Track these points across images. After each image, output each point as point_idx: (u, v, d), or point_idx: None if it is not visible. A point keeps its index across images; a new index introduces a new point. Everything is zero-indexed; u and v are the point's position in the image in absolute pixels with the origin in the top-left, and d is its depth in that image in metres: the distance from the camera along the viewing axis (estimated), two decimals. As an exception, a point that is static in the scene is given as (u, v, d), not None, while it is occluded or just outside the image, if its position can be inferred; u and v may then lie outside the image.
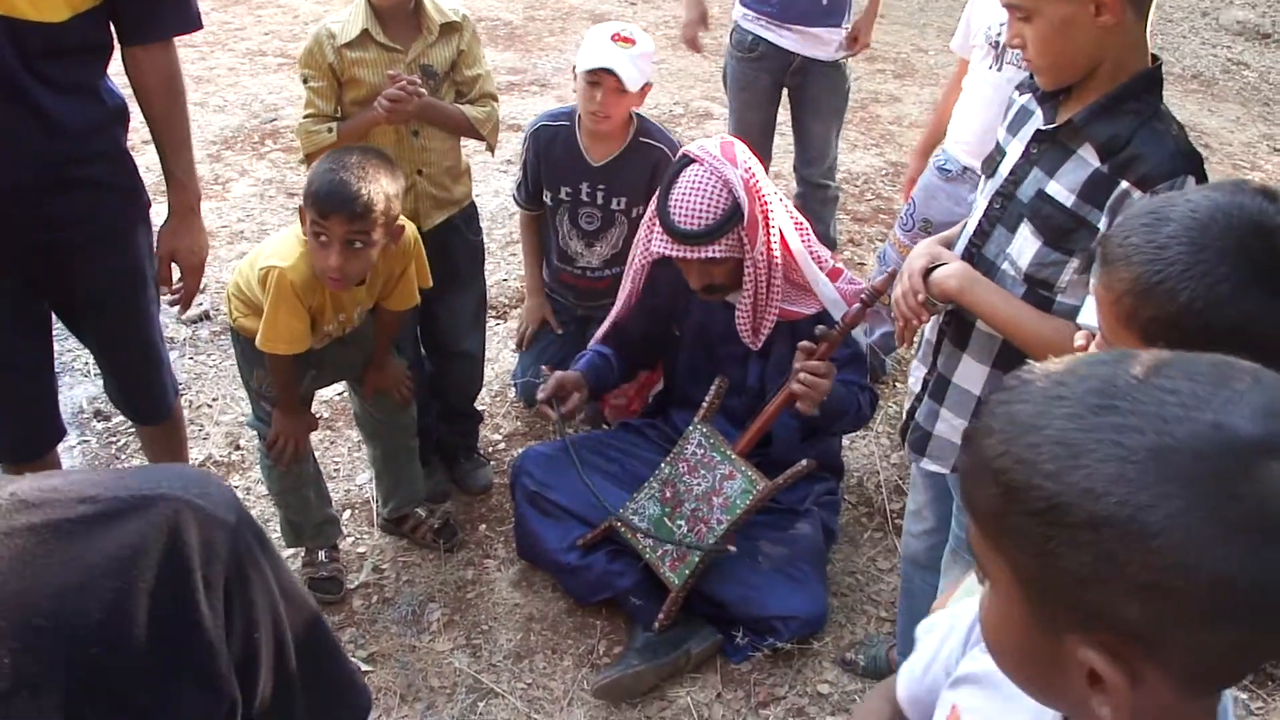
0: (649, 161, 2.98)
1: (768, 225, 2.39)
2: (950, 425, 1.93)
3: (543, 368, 2.60)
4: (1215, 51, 7.71)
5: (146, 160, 2.28)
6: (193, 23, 2.13)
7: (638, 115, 3.01)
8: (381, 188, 2.16)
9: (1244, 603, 0.60)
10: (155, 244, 2.26)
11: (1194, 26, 8.21)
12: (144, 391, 2.40)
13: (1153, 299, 1.04)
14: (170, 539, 0.86)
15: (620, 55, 2.76)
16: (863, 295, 2.26)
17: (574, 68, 2.90)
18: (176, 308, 2.35)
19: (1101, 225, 1.63)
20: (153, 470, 0.91)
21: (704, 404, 2.52)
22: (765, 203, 2.39)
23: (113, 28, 2.03)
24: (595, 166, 3.00)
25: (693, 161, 2.39)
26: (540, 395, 2.50)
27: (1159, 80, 1.65)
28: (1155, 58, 1.64)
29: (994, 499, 0.66)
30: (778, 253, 2.43)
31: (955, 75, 3.23)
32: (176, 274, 2.28)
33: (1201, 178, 1.59)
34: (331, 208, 2.11)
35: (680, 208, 2.35)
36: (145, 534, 0.85)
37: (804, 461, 2.38)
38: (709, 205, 2.33)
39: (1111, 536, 0.60)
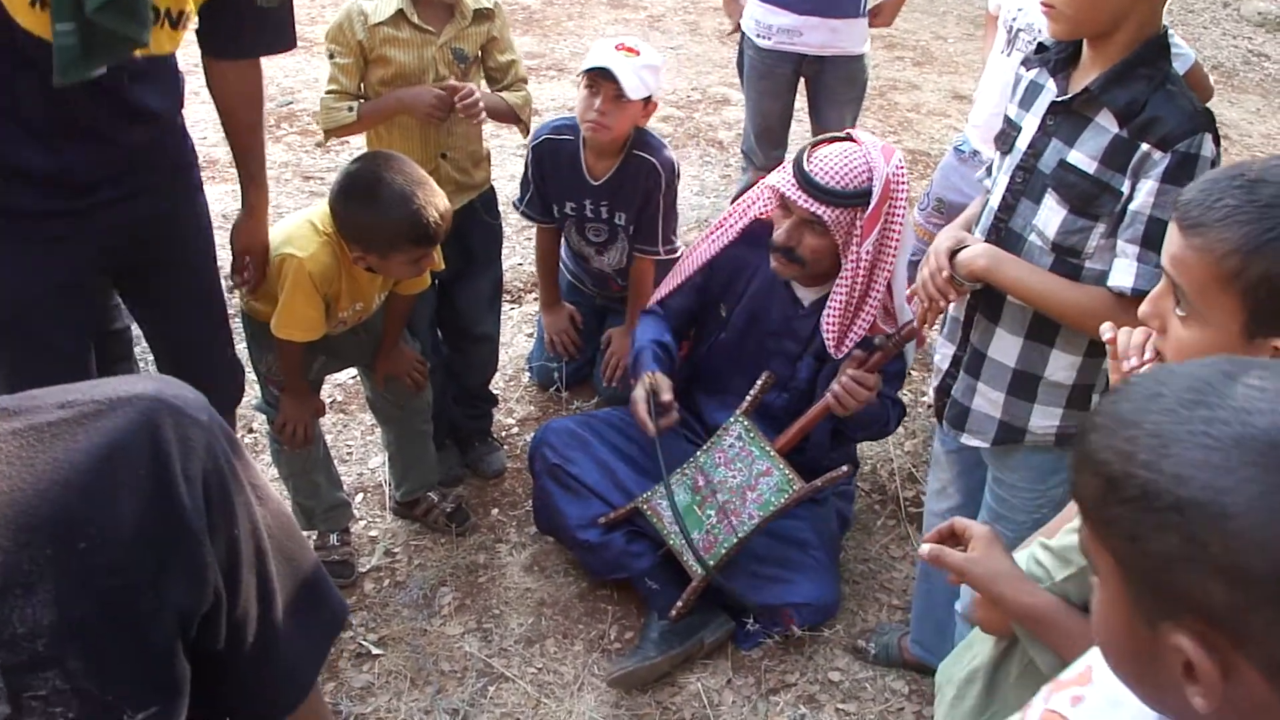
0: (640, 173, 2.91)
1: (886, 232, 2.35)
2: (987, 399, 1.94)
3: (647, 374, 2.50)
4: (1236, 43, 7.65)
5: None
6: (288, 43, 2.15)
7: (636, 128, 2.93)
8: (442, 193, 2.22)
9: None
10: (233, 239, 2.32)
11: (1215, 17, 8.14)
12: (220, 362, 2.40)
13: (1264, 255, 1.07)
14: (148, 434, 0.88)
15: (622, 61, 2.71)
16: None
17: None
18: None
19: (1124, 189, 1.66)
20: (126, 377, 0.95)
21: (748, 397, 2.49)
22: (895, 212, 2.35)
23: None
24: (595, 184, 2.96)
25: (851, 140, 2.37)
26: (642, 407, 2.44)
27: (1167, 46, 1.69)
28: (1162, 25, 1.68)
29: (1096, 490, 0.71)
30: (888, 270, 2.39)
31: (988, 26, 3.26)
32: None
33: (1215, 135, 1.63)
34: (439, 237, 2.21)
35: (819, 162, 2.31)
36: (124, 430, 0.88)
37: (844, 468, 2.39)
38: (845, 172, 2.29)
39: (1195, 518, 0.64)
